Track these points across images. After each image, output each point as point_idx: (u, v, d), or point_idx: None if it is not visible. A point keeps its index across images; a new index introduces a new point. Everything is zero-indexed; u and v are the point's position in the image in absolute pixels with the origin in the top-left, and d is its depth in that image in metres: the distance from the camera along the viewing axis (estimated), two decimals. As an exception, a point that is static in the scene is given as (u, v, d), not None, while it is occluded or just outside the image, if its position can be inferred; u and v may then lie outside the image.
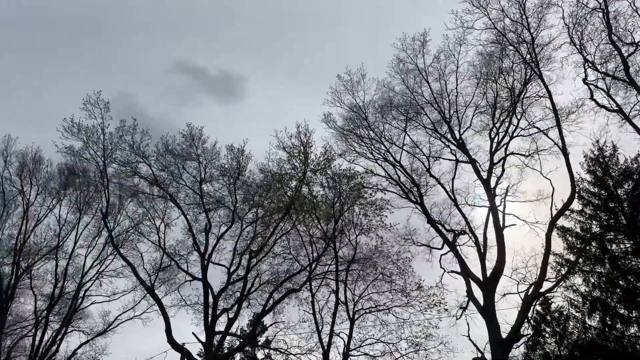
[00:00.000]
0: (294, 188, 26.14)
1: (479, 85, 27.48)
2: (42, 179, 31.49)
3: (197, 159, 26.51)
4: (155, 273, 27.57)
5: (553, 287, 23.10)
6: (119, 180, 26.93)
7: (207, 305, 24.78)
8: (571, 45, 24.31)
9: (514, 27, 25.50)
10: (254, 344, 28.63)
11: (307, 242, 26.52)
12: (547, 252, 22.39)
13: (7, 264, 30.52)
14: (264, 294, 26.96)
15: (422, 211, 26.17)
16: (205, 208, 26.58)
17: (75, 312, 30.07)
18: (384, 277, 26.36)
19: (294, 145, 26.22)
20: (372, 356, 25.10)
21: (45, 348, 28.45)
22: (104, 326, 31.18)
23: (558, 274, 26.39)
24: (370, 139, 27.76)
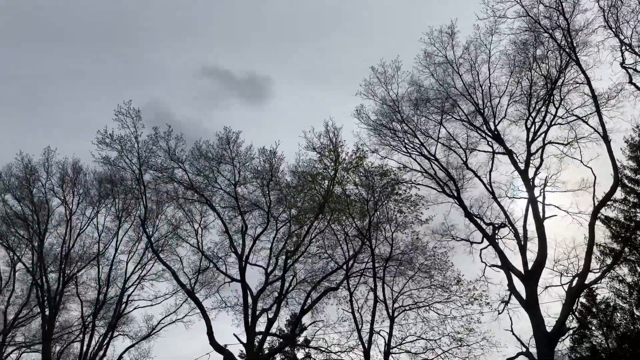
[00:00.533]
0: (326, 187, 26.09)
1: (513, 74, 26.84)
2: (82, 188, 32.27)
3: (231, 162, 26.72)
4: (195, 276, 28.01)
5: (598, 279, 22.47)
6: (156, 186, 27.41)
7: (247, 306, 25.06)
8: (607, 29, 23.54)
9: (548, 13, 24.77)
10: (294, 344, 28.77)
11: (342, 240, 26.52)
12: (591, 243, 21.76)
13: (53, 272, 31.44)
14: (301, 293, 27.11)
15: (460, 205, 25.77)
16: (240, 210, 26.85)
17: (119, 317, 30.85)
18: (423, 272, 26.10)
19: (324, 145, 26.19)
20: (413, 353, 24.91)
21: (93, 353, 29.32)
22: (148, 330, 31.96)
23: (602, 264, 25.69)
24: (404, 133, 27.44)
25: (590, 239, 21.78)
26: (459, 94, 27.41)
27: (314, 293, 25.78)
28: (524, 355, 22.83)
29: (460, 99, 27.48)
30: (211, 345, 24.35)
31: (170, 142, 25.89)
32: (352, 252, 25.99)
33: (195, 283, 27.85)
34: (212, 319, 25.35)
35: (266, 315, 25.39)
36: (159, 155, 25.82)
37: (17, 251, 32.14)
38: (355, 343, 25.17)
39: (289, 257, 25.53)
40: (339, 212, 25.83)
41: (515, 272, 23.57)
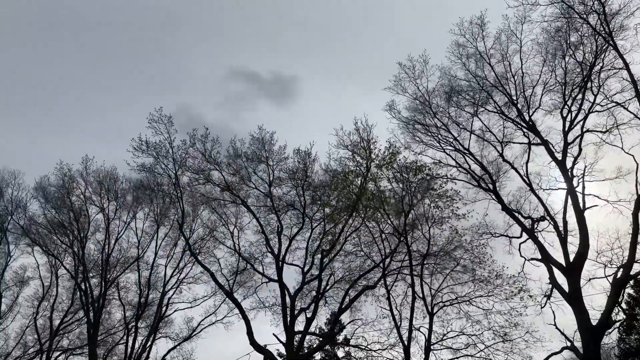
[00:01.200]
0: (359, 184, 26.01)
1: (546, 63, 26.27)
2: (120, 195, 32.94)
3: (265, 162, 26.88)
4: (233, 277, 28.35)
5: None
6: (192, 189, 27.79)
7: (285, 306, 25.22)
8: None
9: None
10: (334, 342, 28.82)
11: (378, 238, 26.40)
12: (636, 232, 21.14)
13: (95, 277, 32.23)
14: (339, 292, 27.16)
15: (496, 199, 25.38)
16: (275, 210, 27.03)
17: (161, 319, 31.46)
18: (462, 267, 25.82)
19: (355, 142, 26.10)
20: (455, 349, 24.66)
21: (137, 355, 30.01)
22: (189, 332, 32.50)
23: (649, 254, 24.80)
24: (436, 127, 27.19)
25: (634, 229, 21.17)
26: (491, 85, 27.03)
27: (352, 292, 25.80)
28: (569, 349, 22.41)
29: (493, 90, 27.10)
30: (251, 345, 24.62)
31: (207, 144, 26.29)
32: (388, 249, 25.87)
33: (234, 284, 28.18)
34: (251, 319, 25.70)
35: (305, 315, 25.53)
36: (195, 157, 26.20)
37: (59, 258, 33.00)
38: (396, 340, 25.11)
39: (325, 256, 25.57)
40: (373, 210, 25.73)
41: (556, 265, 23.10)
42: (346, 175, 25.84)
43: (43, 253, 33.02)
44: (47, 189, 31.98)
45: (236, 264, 28.79)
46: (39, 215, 32.58)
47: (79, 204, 32.15)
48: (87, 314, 30.51)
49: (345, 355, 29.39)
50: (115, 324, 34.28)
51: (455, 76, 27.32)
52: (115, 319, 34.40)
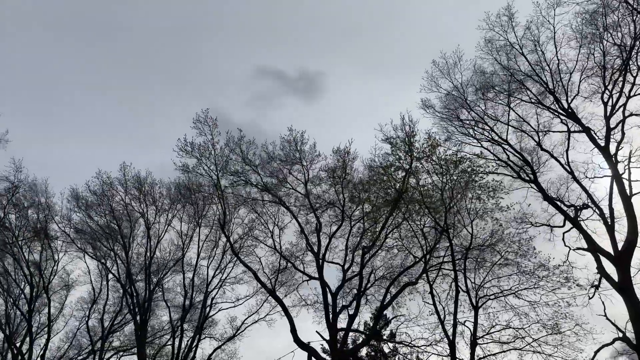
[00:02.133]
0: (400, 180, 25.93)
1: (582, 47, 25.68)
2: (159, 199, 33.65)
3: (300, 162, 27.13)
4: (275, 276, 28.68)
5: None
6: (232, 191, 28.24)
7: (327, 304, 25.37)
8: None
9: (617, -25, 23.51)
10: (378, 339, 28.82)
11: (419, 233, 26.28)
12: (688, 217, 20.51)
13: (140, 281, 33.09)
14: (381, 288, 27.16)
15: (538, 189, 25.00)
16: (314, 209, 27.22)
17: (205, 319, 32.11)
18: (505, 260, 25.49)
19: (398, 137, 26.03)
20: (501, 342, 24.37)
21: (184, 355, 30.72)
22: (233, 331, 33.06)
23: None
24: (472, 121, 27.00)
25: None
26: (525, 75, 26.67)
27: (393, 288, 25.73)
28: (620, 340, 21.85)
29: (528, 80, 26.74)
30: (295, 342, 24.86)
31: (243, 146, 26.64)
32: (429, 244, 25.74)
33: (276, 283, 28.48)
34: (293, 317, 25.88)
35: (347, 312, 25.62)
36: (235, 160, 26.60)
37: (107, 263, 33.99)
38: (440, 336, 24.98)
39: (365, 252, 25.61)
40: (414, 205, 25.65)
41: (604, 253, 22.59)
42: (386, 170, 25.76)
43: (92, 258, 34.06)
44: (87, 196, 32.82)
45: (277, 262, 29.17)
46: (84, 223, 33.49)
47: (120, 210, 33.00)
48: (135, 316, 31.39)
49: (391, 351, 29.38)
50: (162, 325, 35.09)
51: (487, 72, 27.08)
52: (161, 320, 35.24)
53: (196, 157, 26.11)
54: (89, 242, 33.41)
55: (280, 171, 27.40)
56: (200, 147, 25.89)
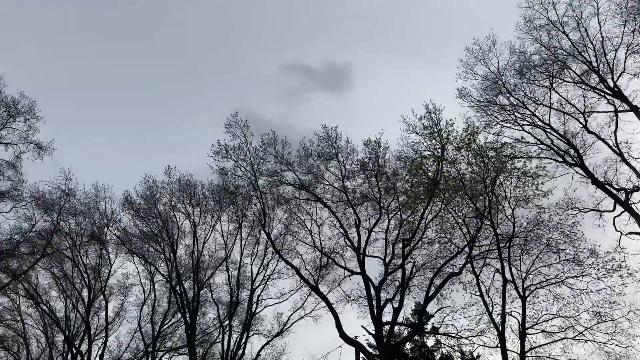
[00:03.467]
0: (434, 170, 25.53)
1: (628, 23, 24.51)
2: (202, 200, 34.30)
3: (335, 158, 27.12)
4: (317, 272, 28.83)
5: None
6: (270, 190, 28.55)
7: (371, 298, 25.33)
8: None
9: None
10: (423, 332, 28.57)
11: (460, 223, 25.82)
12: None
13: (187, 279, 33.91)
14: (423, 280, 26.93)
15: (585, 173, 24.10)
16: (351, 204, 27.18)
17: (252, 316, 32.66)
18: (551, 248, 24.72)
19: (426, 127, 25.62)
20: (550, 332, 23.67)
21: (233, 352, 31.36)
22: (279, 327, 33.54)
23: None
24: (512, 106, 26.26)
25: None
26: (567, 54, 25.77)
27: (437, 280, 25.43)
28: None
29: (570, 59, 25.83)
30: (341, 337, 24.95)
31: (278, 146, 26.87)
32: (472, 234, 25.26)
33: (318, 279, 28.64)
34: (338, 313, 25.95)
35: (391, 305, 25.51)
36: (269, 160, 26.91)
37: (155, 264, 35.01)
38: (486, 326, 24.52)
39: (406, 245, 25.39)
40: (453, 194, 25.22)
41: (658, 237, 21.59)
42: (419, 161, 25.42)
43: (140, 261, 35.16)
44: (134, 200, 33.85)
45: (318, 258, 29.29)
46: (131, 226, 34.61)
47: (166, 212, 33.90)
48: (184, 316, 32.25)
49: (436, 344, 29.08)
50: (210, 324, 35.86)
51: (526, 52, 26.26)
52: (209, 319, 36.01)
53: (232, 159, 26.62)
54: (138, 245, 34.44)
55: (316, 168, 27.51)
56: (235, 149, 26.33)
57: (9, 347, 38.71)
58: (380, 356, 24.39)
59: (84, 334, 34.75)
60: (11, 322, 37.72)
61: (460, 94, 26.98)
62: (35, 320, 37.58)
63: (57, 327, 35.22)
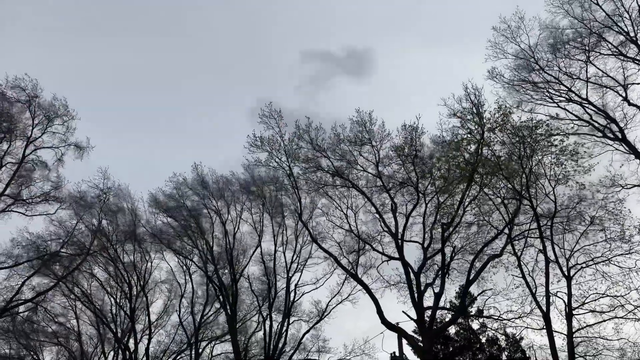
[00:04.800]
0: (473, 152, 25.16)
1: (665, -12, 23.60)
2: (233, 192, 34.49)
3: (369, 143, 26.93)
4: (355, 259, 28.84)
5: None
6: (305, 178, 28.56)
7: (410, 283, 25.25)
8: None
9: None
10: (466, 315, 28.44)
11: (499, 204, 25.47)
12: None
13: (225, 273, 34.32)
14: (464, 264, 26.68)
15: (627, 147, 23.45)
16: (387, 189, 27.02)
17: (292, 304, 32.96)
18: (596, 225, 24.22)
19: (465, 109, 25.19)
20: (599, 312, 23.28)
21: (275, 340, 31.79)
22: (318, 313, 33.78)
23: None
24: (546, 82, 25.63)
25: None
26: (602, 26, 24.96)
27: (477, 262, 25.17)
28: None
29: (605, 31, 25.00)
30: (383, 324, 24.97)
31: (312, 133, 26.80)
32: (511, 215, 24.91)
33: (357, 265, 28.67)
34: (378, 299, 25.96)
35: (432, 290, 25.41)
36: (304, 147, 26.91)
37: (190, 257, 35.53)
38: (531, 308, 24.27)
39: (445, 229, 25.18)
40: (491, 176, 24.85)
41: None
42: (458, 144, 25.07)
43: (175, 256, 35.74)
44: (162, 199, 34.25)
45: (355, 245, 29.27)
46: (165, 223, 35.01)
47: (197, 208, 34.21)
48: (224, 307, 32.72)
49: (481, 327, 28.96)
50: (250, 312, 36.28)
51: (559, 27, 25.51)
52: (249, 308, 36.39)
53: (267, 150, 26.70)
54: (172, 241, 34.91)
55: (350, 154, 27.39)
56: (270, 140, 26.39)
57: (64, 344, 40.02)
58: (424, 341, 24.40)
59: (130, 330, 35.60)
60: (67, 320, 38.88)
61: (491, 75, 26.48)
62: (88, 318, 38.65)
63: (105, 325, 36.14)
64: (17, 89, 26.14)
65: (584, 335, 23.45)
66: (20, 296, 29.15)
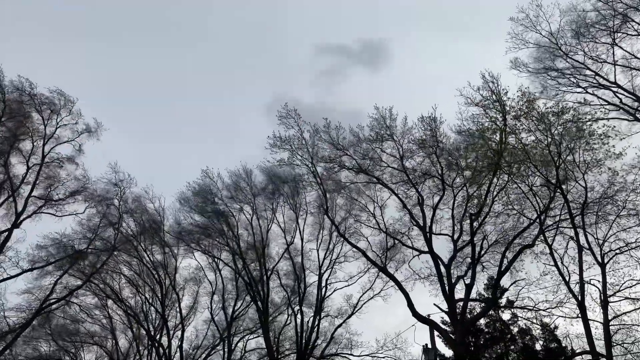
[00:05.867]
0: (498, 140, 24.89)
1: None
2: (259, 191, 34.79)
3: (391, 138, 26.87)
4: (384, 253, 28.91)
5: None
6: (329, 176, 28.69)
7: (441, 276, 25.17)
8: None
9: None
10: (498, 306, 28.22)
11: (529, 193, 25.17)
12: None
13: (255, 269, 34.67)
14: (495, 254, 26.46)
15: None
16: (412, 183, 26.94)
17: (323, 300, 33.20)
18: (629, 211, 23.77)
19: (485, 97, 24.91)
20: (635, 299, 22.86)
21: (307, 335, 32.11)
22: (350, 309, 33.97)
23: None
24: (572, 69, 25.21)
25: None
26: (627, 7, 24.34)
27: (509, 253, 24.91)
28: None
29: (631, 11, 24.41)
30: (414, 317, 24.97)
31: (332, 132, 26.85)
32: (541, 204, 24.60)
33: (386, 260, 28.70)
34: (409, 292, 25.95)
35: (462, 282, 25.27)
36: (325, 147, 27.03)
37: (218, 256, 36.00)
38: (565, 297, 23.99)
39: (474, 220, 25.01)
40: (518, 164, 24.57)
41: None
42: (482, 133, 24.84)
43: (203, 254, 36.25)
44: (191, 197, 34.68)
45: (384, 240, 29.32)
46: (191, 223, 35.48)
47: (224, 206, 34.60)
48: (255, 302, 33.11)
49: (512, 317, 28.72)
50: (282, 309, 36.61)
51: (580, 9, 25.02)
52: (280, 304, 36.72)
53: (288, 150, 26.83)
54: (201, 239, 35.37)
55: (372, 151, 27.40)
56: (291, 139, 26.58)
57: (100, 342, 41.10)
58: (456, 333, 24.35)
59: (162, 327, 36.32)
60: (100, 318, 39.81)
61: (514, 65, 26.20)
62: (120, 317, 39.50)
63: (137, 322, 36.93)
64: (17, 92, 26.49)
65: (621, 323, 23.10)
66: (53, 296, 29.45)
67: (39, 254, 28.89)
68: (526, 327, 28.53)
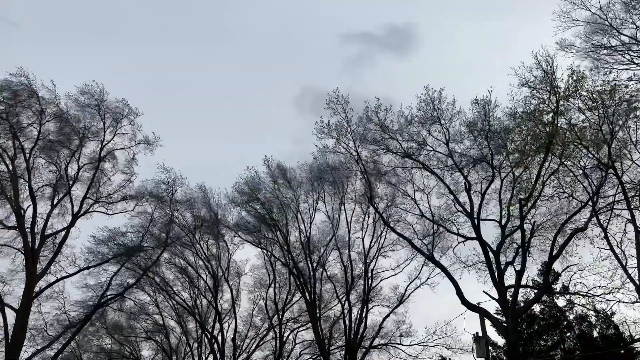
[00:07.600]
0: (549, 122, 24.05)
1: None
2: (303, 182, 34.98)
3: (438, 122, 26.55)
4: (431, 241, 28.57)
5: None
6: (373, 162, 28.57)
7: (490, 262, 24.68)
8: None
9: None
10: (551, 292, 27.40)
11: (580, 175, 24.24)
12: None
13: (302, 261, 34.99)
14: (545, 240, 25.69)
15: None
16: (459, 168, 26.49)
17: (370, 290, 33.17)
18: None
19: (537, 77, 24.09)
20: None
21: (356, 325, 32.20)
22: (397, 298, 33.81)
23: None
24: (624, 44, 23.97)
25: None
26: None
27: (560, 237, 24.11)
28: None
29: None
30: (463, 305, 24.57)
31: (380, 114, 26.79)
32: (594, 186, 23.65)
33: (432, 247, 28.37)
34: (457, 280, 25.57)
35: (512, 268, 24.67)
36: (372, 129, 26.89)
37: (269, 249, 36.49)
38: (621, 282, 23.01)
39: (523, 205, 24.32)
40: (570, 146, 23.68)
41: None
42: (533, 114, 24.06)
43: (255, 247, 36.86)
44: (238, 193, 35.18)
45: (430, 226, 28.96)
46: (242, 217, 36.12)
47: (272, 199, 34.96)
48: (304, 295, 33.44)
49: (568, 303, 27.81)
50: (331, 300, 36.85)
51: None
52: (331, 295, 36.94)
53: (334, 137, 26.87)
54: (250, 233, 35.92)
55: (418, 134, 27.08)
56: (337, 126, 26.66)
57: (154, 338, 42.55)
58: (507, 320, 23.80)
59: (214, 319, 37.24)
60: (153, 315, 41.19)
61: (561, 46, 25.14)
62: (168, 313, 40.68)
63: (190, 314, 37.96)
64: (87, 95, 27.53)
65: (684, 308, 21.98)
66: (108, 292, 30.41)
67: (97, 248, 30.15)
68: (583, 313, 27.57)
